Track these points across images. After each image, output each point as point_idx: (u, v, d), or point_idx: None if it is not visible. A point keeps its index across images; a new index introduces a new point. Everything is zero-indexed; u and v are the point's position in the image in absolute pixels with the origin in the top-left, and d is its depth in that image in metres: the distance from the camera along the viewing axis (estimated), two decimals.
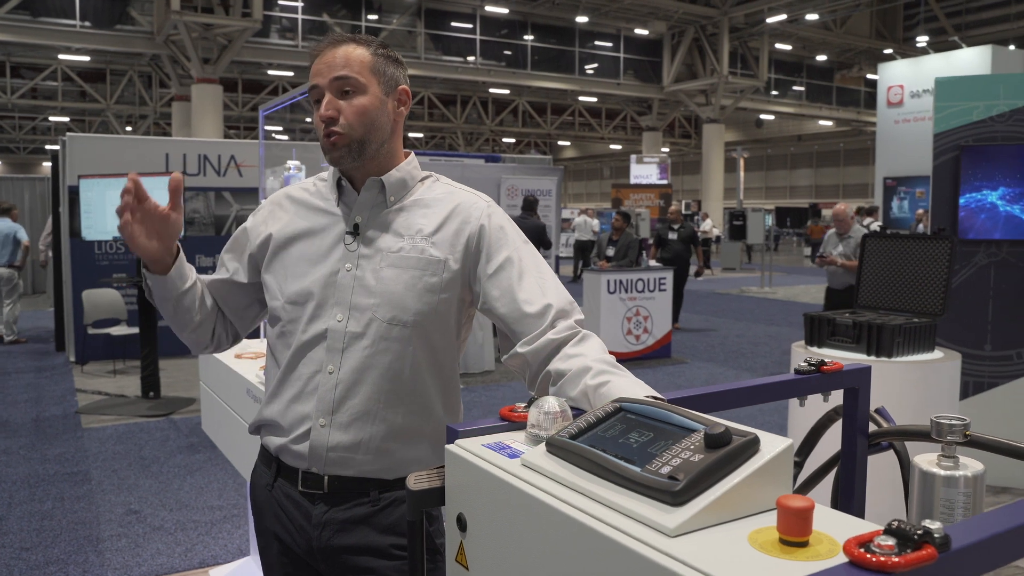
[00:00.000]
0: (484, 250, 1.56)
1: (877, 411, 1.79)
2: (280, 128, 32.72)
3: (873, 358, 3.49)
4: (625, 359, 8.44)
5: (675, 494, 0.87)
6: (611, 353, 1.50)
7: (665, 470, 0.91)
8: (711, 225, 24.43)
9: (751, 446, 0.93)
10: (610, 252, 9.34)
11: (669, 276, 9.11)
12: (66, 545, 4.07)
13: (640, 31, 28.16)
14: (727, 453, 0.91)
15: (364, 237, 1.57)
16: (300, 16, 22.93)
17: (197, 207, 8.85)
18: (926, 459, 1.39)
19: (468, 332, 1.68)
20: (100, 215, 6.82)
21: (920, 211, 13.31)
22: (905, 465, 1.71)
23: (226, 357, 3.08)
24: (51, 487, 4.90)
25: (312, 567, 1.63)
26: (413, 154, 1.67)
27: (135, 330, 7.78)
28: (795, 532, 0.81)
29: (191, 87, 21.40)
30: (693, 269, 11.88)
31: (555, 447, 1.07)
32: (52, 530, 4.25)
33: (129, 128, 31.91)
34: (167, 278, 1.58)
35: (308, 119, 26.78)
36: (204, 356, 3.56)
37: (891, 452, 1.79)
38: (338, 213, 1.61)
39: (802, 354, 3.71)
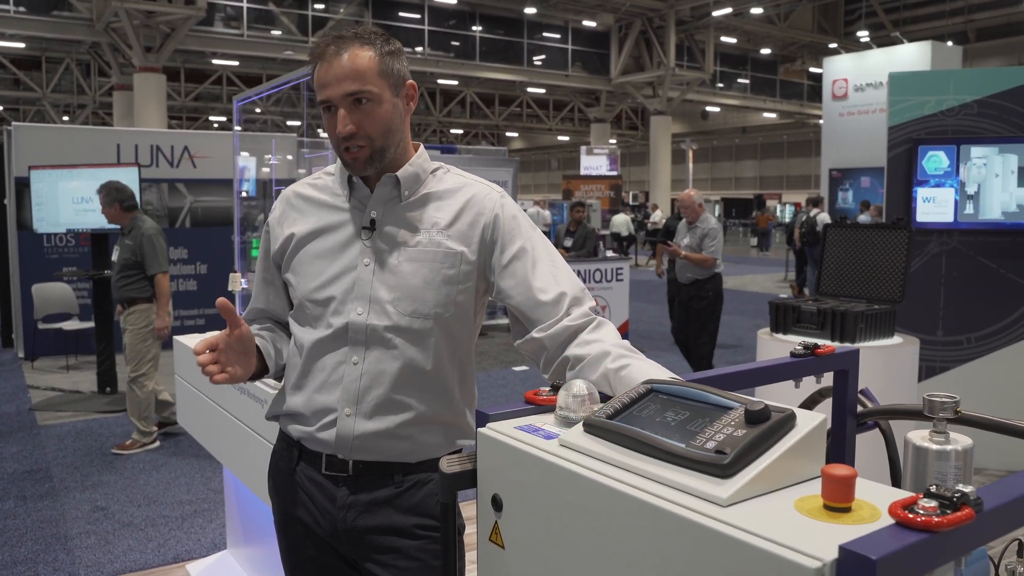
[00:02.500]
0: (499, 240, 1.61)
1: (861, 392, 1.89)
2: (225, 119, 32.16)
3: (836, 344, 3.61)
4: None
5: (724, 467, 0.93)
6: None
7: (711, 445, 0.98)
8: (660, 216, 24.73)
9: (789, 421, 1.00)
10: (568, 243, 9.43)
11: (626, 267, 9.23)
12: (33, 544, 4.00)
13: (588, 23, 28.30)
14: (768, 428, 0.98)
15: (380, 232, 1.60)
16: (245, 4, 22.53)
17: (150, 199, 8.68)
18: (919, 435, 1.48)
19: (482, 319, 1.73)
20: (52, 207, 6.67)
21: (864, 201, 13.67)
22: (891, 443, 1.81)
23: None
24: (11, 486, 4.80)
25: (335, 549, 1.66)
26: (422, 147, 1.70)
27: (88, 324, 7.64)
28: (839, 498, 0.88)
29: (133, 76, 20.89)
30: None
31: (593, 427, 1.12)
32: (16, 529, 4.17)
33: (66, 118, 31.01)
34: (270, 375, 1.72)
35: (259, 110, 26.40)
36: (178, 349, 3.54)
37: (874, 432, 1.89)
38: (348, 208, 1.64)
39: (768, 341, 3.84)
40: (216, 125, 33.92)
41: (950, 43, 18.09)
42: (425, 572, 1.61)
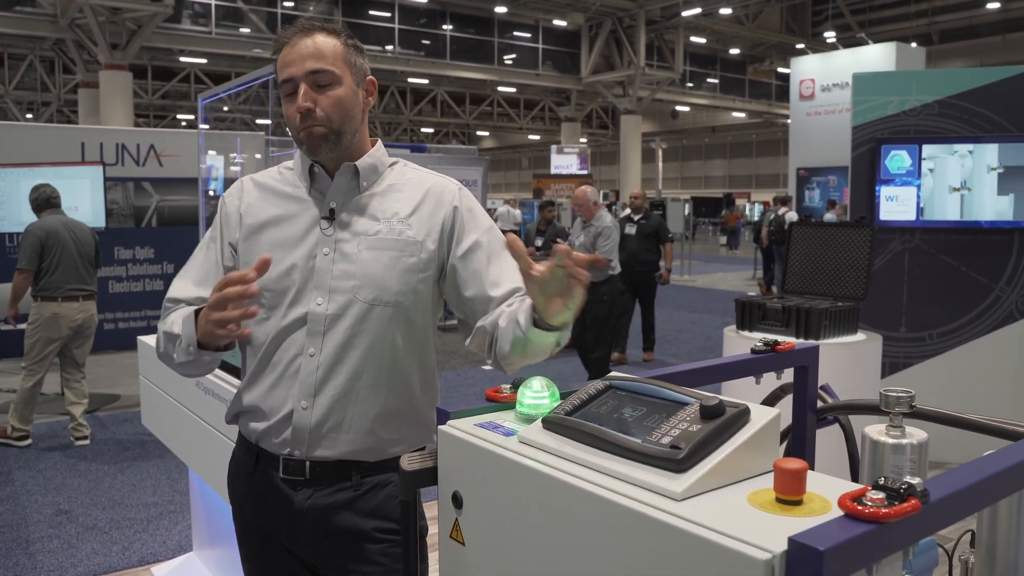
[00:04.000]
0: (456, 232, 1.63)
1: (822, 388, 1.91)
2: (193, 117, 31.80)
3: (801, 340, 3.66)
4: None
5: (679, 462, 0.95)
6: None
7: (666, 440, 0.99)
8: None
9: (743, 416, 1.01)
10: (538, 242, 9.44)
11: None
12: None
13: (558, 22, 28.37)
14: (723, 423, 0.99)
15: (340, 221, 1.61)
16: (213, 1, 22.31)
17: (116, 198, 8.56)
18: (875, 429, 1.50)
19: (440, 313, 1.73)
20: (14, 206, 6.57)
21: (830, 200, 13.85)
22: (850, 438, 1.83)
23: None
24: None
25: (294, 555, 1.64)
26: (380, 141, 1.71)
27: None
28: (791, 491, 0.90)
29: (99, 73, 20.59)
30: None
31: (552, 423, 1.13)
32: None
33: (30, 116, 30.50)
34: (223, 351, 1.57)
35: (226, 108, 26.15)
36: (143, 349, 3.50)
37: (836, 427, 1.92)
38: (308, 199, 1.63)
39: (734, 338, 3.87)
40: (184, 123, 33.54)
41: (914, 44, 18.36)
42: None
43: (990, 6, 27.78)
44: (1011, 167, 4.74)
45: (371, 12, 25.09)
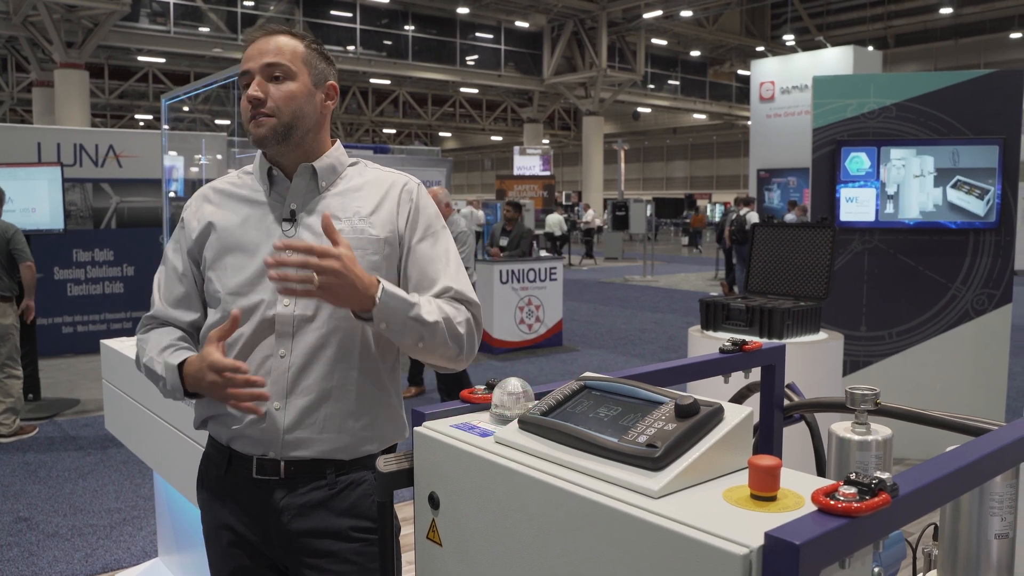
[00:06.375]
0: (414, 225, 1.66)
1: (788, 386, 1.95)
2: (151, 117, 31.36)
3: (764, 340, 3.71)
4: (518, 347, 8.59)
5: (655, 460, 0.96)
6: (504, 342, 1.65)
7: (642, 439, 1.00)
8: (593, 215, 24.99)
9: (717, 414, 1.03)
10: (503, 242, 9.46)
11: (560, 266, 9.27)
12: None
13: (520, 23, 28.45)
14: (697, 421, 1.01)
15: (302, 223, 1.61)
16: (172, 0, 22.00)
17: (74, 199, 8.41)
18: (841, 426, 1.53)
19: None
20: None
21: (791, 201, 14.05)
22: (816, 435, 1.87)
23: (134, 352, 3.00)
24: None
25: (266, 555, 1.64)
26: (339, 142, 1.72)
27: None
28: (765, 488, 0.92)
29: (54, 72, 20.20)
30: None
31: (528, 424, 1.14)
32: None
33: None
34: None
35: (187, 108, 25.80)
36: (105, 352, 3.45)
37: (802, 425, 1.95)
38: (267, 202, 1.64)
39: (699, 338, 3.92)
40: (142, 124, 33.05)
41: (871, 48, 18.71)
42: (361, 575, 1.61)
43: (943, 11, 28.44)
44: (967, 168, 4.88)
45: (332, 12, 24.93)
